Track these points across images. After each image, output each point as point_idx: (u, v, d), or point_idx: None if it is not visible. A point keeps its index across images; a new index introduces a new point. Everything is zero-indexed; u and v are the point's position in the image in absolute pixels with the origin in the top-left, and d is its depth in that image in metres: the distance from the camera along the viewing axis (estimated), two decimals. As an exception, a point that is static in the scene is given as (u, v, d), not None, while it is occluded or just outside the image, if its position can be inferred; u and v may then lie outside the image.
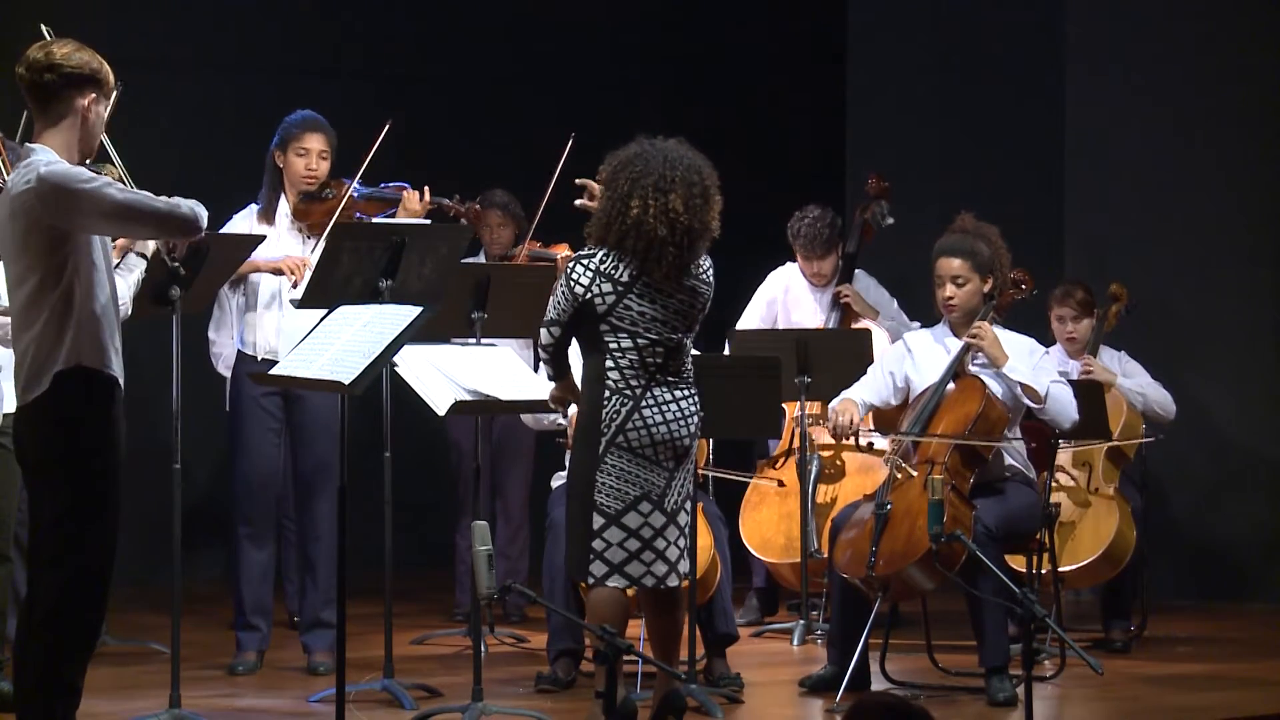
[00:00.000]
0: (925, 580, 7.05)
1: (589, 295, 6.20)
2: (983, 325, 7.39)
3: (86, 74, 5.50)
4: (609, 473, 6.22)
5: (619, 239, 6.21)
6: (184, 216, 5.56)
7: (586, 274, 6.21)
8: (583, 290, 6.20)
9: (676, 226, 6.19)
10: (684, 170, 6.24)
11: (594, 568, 6.24)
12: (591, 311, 6.21)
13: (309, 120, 7.81)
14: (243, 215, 7.78)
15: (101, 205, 5.40)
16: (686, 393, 6.33)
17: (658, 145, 6.30)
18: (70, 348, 5.41)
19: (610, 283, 6.20)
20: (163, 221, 5.57)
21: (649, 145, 6.31)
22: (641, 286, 6.22)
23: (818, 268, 9.21)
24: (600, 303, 6.21)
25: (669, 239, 6.19)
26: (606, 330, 6.22)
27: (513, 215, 9.29)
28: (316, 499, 7.66)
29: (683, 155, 6.29)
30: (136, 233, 5.70)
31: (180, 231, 5.70)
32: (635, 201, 6.19)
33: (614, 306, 6.21)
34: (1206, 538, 10.14)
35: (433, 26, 11.23)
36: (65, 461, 5.43)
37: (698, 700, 6.87)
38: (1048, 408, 7.34)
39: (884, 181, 9.27)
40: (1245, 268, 10.13)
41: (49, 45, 5.53)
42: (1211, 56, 10.18)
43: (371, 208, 7.74)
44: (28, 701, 5.46)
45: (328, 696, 6.65)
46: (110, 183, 5.47)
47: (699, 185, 6.25)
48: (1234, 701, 7.32)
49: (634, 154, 6.29)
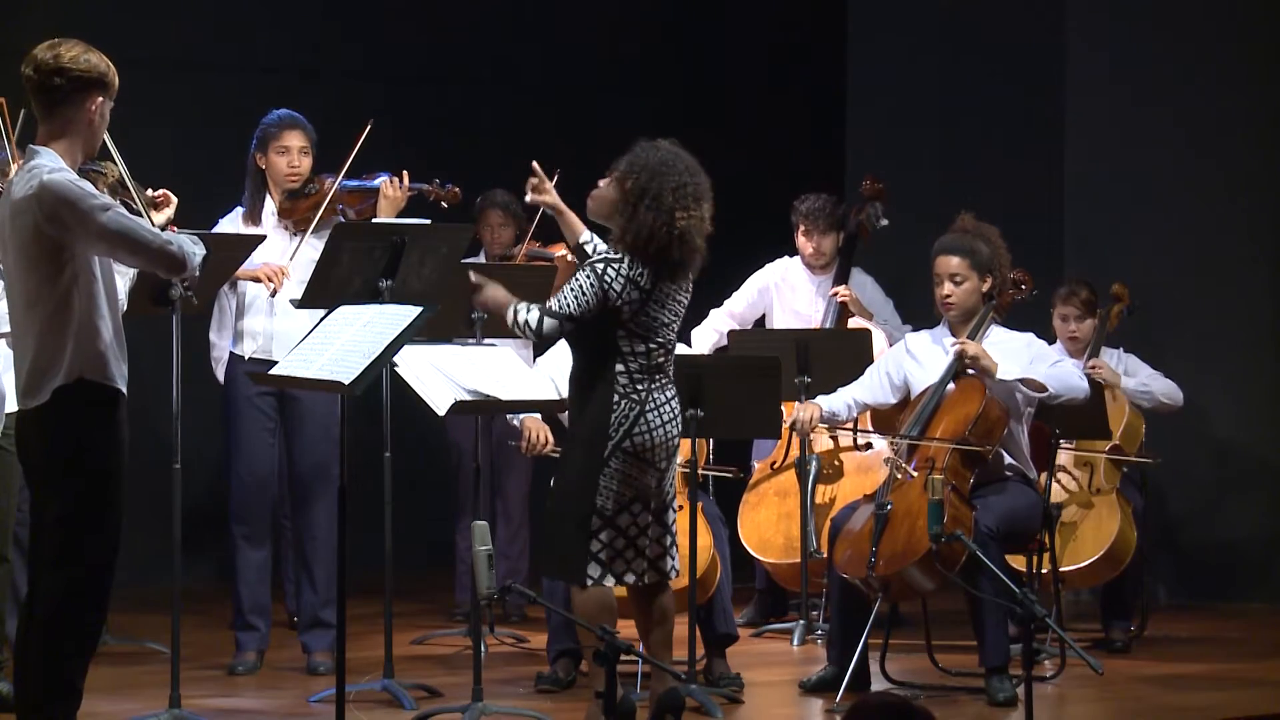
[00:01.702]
0: (925, 581, 7.05)
1: (619, 302, 6.23)
2: (963, 341, 7.37)
3: (95, 77, 5.49)
4: (611, 476, 6.26)
5: (661, 250, 6.25)
6: (173, 255, 5.52)
7: (620, 280, 6.26)
8: (615, 295, 6.24)
9: (703, 235, 6.33)
10: (702, 177, 6.35)
11: (591, 570, 6.26)
12: (614, 317, 6.25)
13: (286, 119, 7.82)
14: (229, 219, 7.78)
15: (96, 227, 5.38)
16: (673, 390, 6.43)
17: (672, 149, 6.35)
18: (71, 361, 5.39)
19: (638, 291, 6.27)
20: (153, 256, 5.53)
21: (668, 152, 6.36)
22: (659, 293, 6.29)
23: (817, 243, 9.21)
24: (626, 310, 6.26)
25: (701, 248, 6.31)
26: (623, 336, 6.27)
27: (513, 215, 9.30)
28: (313, 500, 7.66)
29: (692, 160, 6.36)
30: (125, 260, 5.60)
31: (167, 269, 5.64)
32: (680, 213, 6.26)
33: (637, 314, 6.28)
34: (1206, 538, 10.13)
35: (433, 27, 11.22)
36: (68, 466, 5.43)
37: (698, 700, 6.87)
38: (1054, 390, 7.31)
39: (879, 183, 9.26)
40: (1245, 268, 10.13)
41: (57, 46, 5.49)
42: (1212, 57, 10.17)
43: (354, 200, 7.75)
44: (28, 702, 5.46)
45: (328, 696, 6.65)
46: (110, 205, 5.44)
47: (710, 191, 6.36)
48: (1234, 701, 7.32)
49: (660, 161, 6.33)
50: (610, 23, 11.54)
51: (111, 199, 5.55)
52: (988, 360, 7.33)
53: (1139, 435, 8.75)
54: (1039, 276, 8.12)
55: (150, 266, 5.71)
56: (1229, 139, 10.13)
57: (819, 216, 9.21)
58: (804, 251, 9.27)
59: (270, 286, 7.56)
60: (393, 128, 7.85)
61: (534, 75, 11.39)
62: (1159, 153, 10.28)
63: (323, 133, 7.90)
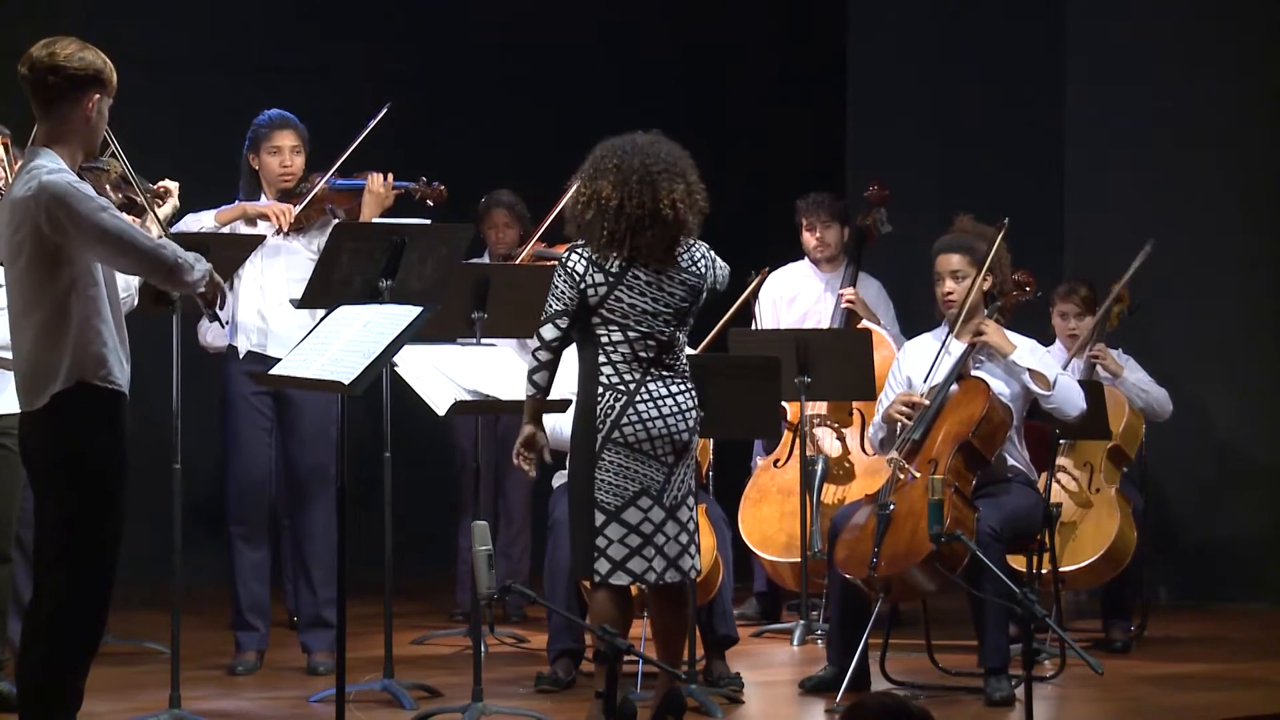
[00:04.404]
0: (926, 581, 7.05)
1: (584, 285, 6.21)
2: (986, 321, 7.41)
3: (91, 74, 5.45)
4: (607, 469, 6.24)
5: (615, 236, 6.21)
6: (169, 265, 5.47)
7: (581, 262, 6.26)
8: (579, 277, 6.21)
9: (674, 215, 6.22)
10: (657, 158, 6.26)
11: (598, 565, 6.25)
12: (584, 302, 6.23)
13: (277, 119, 7.83)
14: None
15: (93, 231, 5.34)
16: (683, 387, 6.35)
17: (624, 138, 6.33)
18: (70, 364, 5.36)
19: (602, 273, 6.24)
20: (150, 264, 5.48)
21: (609, 144, 6.34)
22: (631, 278, 6.24)
23: (821, 235, 9.22)
24: (593, 293, 6.24)
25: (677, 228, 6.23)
26: (598, 322, 6.25)
27: (518, 215, 9.31)
28: (310, 501, 7.67)
29: (651, 142, 6.31)
30: (121, 265, 5.55)
31: (163, 278, 5.57)
32: (628, 200, 6.21)
33: (605, 298, 6.24)
34: (1206, 538, 10.14)
35: (433, 26, 11.22)
36: (70, 469, 5.41)
37: (698, 700, 6.87)
38: (1055, 395, 7.35)
39: (885, 188, 9.28)
40: (1245, 268, 10.13)
41: (52, 44, 5.46)
42: (1211, 57, 10.17)
43: (343, 199, 7.76)
44: (29, 703, 5.45)
45: (328, 696, 6.65)
46: (107, 207, 5.40)
47: (665, 170, 6.26)
48: (1234, 701, 7.32)
49: (600, 156, 6.32)
50: (610, 23, 11.54)
51: (110, 202, 5.52)
52: (1002, 339, 7.35)
53: (1139, 435, 8.74)
54: (1039, 276, 8.12)
55: (147, 275, 5.64)
56: (1229, 139, 10.13)
57: (820, 208, 9.25)
58: (808, 245, 9.28)
59: (275, 226, 7.57)
60: (393, 128, 7.83)
61: (534, 76, 11.39)
62: (1159, 153, 10.28)
63: (323, 133, 7.90)
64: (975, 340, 7.39)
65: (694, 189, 6.31)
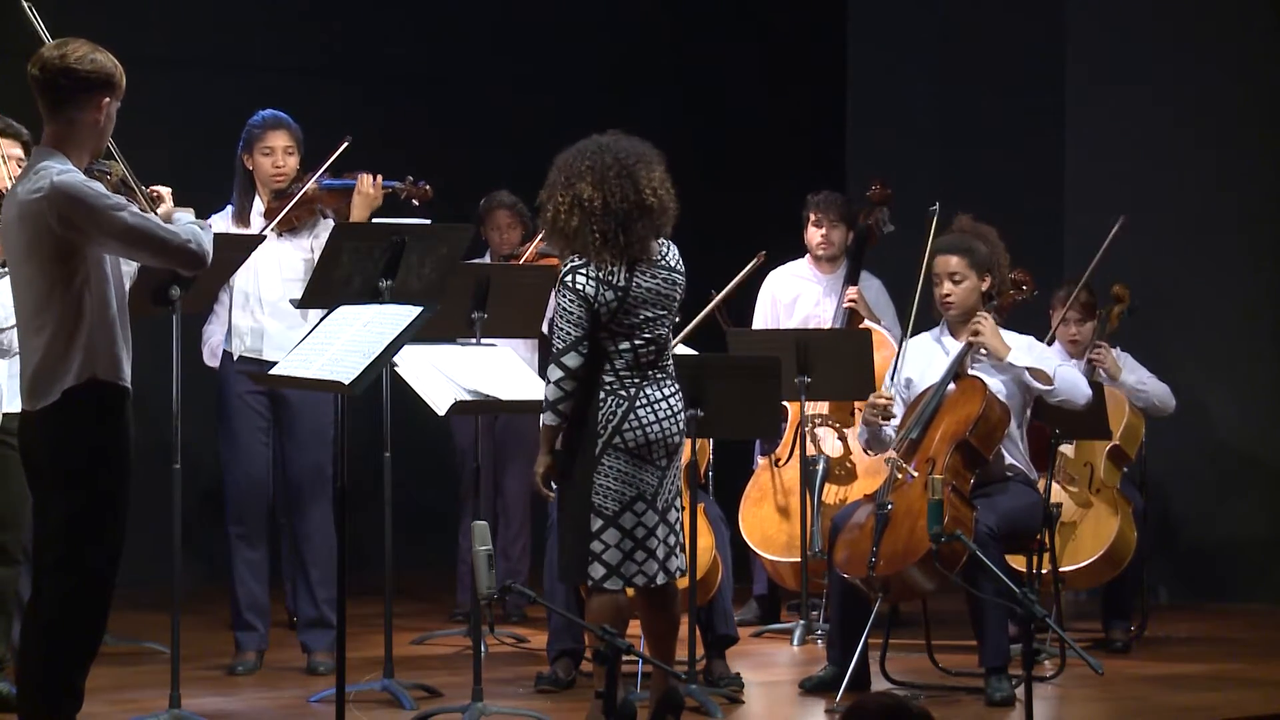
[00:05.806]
0: (926, 581, 7.05)
1: (596, 305, 6.18)
2: (983, 317, 7.39)
3: (102, 77, 5.44)
4: (606, 474, 6.22)
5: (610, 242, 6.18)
6: (190, 252, 5.51)
7: (591, 283, 6.19)
8: (590, 299, 6.17)
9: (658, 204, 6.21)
10: (624, 152, 6.23)
11: (593, 570, 6.24)
12: (596, 321, 6.20)
13: (270, 119, 7.83)
14: (218, 219, 7.78)
15: (111, 227, 5.36)
16: (674, 389, 6.35)
17: (587, 140, 6.30)
18: (83, 360, 5.37)
19: (610, 289, 6.20)
20: (169, 252, 5.51)
21: (576, 145, 6.31)
22: (636, 287, 6.22)
23: (826, 233, 9.22)
24: (605, 311, 6.20)
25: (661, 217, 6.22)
26: (605, 337, 6.23)
27: (520, 215, 9.31)
28: (308, 502, 7.66)
29: (614, 139, 6.28)
30: (140, 258, 5.59)
31: (183, 264, 5.63)
32: (584, 189, 6.18)
33: (616, 313, 6.21)
34: (1206, 538, 10.14)
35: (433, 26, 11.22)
36: (74, 470, 5.41)
37: (697, 700, 6.87)
38: (1058, 388, 7.33)
39: (887, 188, 9.28)
40: (1245, 268, 10.13)
41: (64, 46, 5.44)
42: (1211, 57, 10.18)
43: (333, 199, 7.76)
44: (30, 703, 5.46)
45: (328, 696, 6.65)
46: (123, 204, 5.42)
47: (638, 160, 6.23)
48: (1234, 701, 7.32)
49: (564, 163, 6.28)
50: (610, 24, 11.55)
51: (123, 198, 5.53)
52: (998, 341, 7.35)
53: (1139, 435, 8.75)
54: (1039, 276, 8.12)
55: (167, 263, 5.69)
56: (1229, 139, 10.13)
57: (830, 206, 9.23)
58: (812, 241, 9.27)
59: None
60: (393, 128, 7.84)
61: (534, 76, 11.39)
62: (1158, 152, 10.28)
63: (323, 133, 7.90)
64: (971, 340, 7.39)
65: (666, 177, 6.31)
